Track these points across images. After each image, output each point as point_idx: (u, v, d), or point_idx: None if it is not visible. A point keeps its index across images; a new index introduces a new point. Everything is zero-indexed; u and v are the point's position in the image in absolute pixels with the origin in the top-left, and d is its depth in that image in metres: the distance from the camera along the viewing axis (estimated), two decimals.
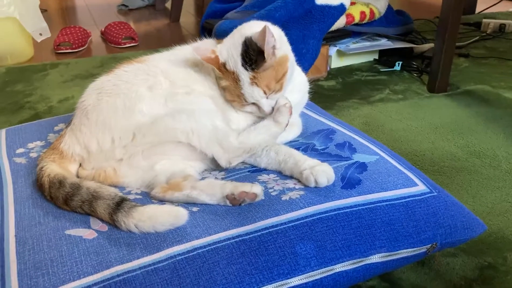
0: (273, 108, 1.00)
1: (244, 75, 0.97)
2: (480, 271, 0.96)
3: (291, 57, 1.03)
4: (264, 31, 0.93)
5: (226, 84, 1.00)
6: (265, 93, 0.98)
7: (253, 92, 0.97)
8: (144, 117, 0.95)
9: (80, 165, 0.99)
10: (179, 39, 1.18)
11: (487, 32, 2.56)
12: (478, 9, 3.02)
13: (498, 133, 1.51)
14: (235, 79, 0.98)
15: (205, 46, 1.01)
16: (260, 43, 0.95)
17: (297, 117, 1.13)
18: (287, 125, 1.01)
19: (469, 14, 2.95)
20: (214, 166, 1.01)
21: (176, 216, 0.83)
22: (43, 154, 1.00)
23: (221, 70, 0.98)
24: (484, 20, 2.64)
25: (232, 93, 1.00)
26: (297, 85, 1.08)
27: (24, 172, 1.03)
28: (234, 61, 0.97)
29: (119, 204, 0.84)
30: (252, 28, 1.01)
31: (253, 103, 1.00)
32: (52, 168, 0.94)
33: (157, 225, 0.82)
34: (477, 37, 2.47)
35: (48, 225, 0.85)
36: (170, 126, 0.94)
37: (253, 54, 0.96)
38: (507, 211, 1.14)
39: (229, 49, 0.99)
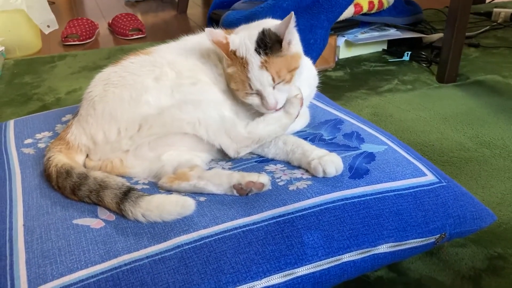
0: (276, 103, 0.96)
1: (255, 59, 0.94)
2: (490, 261, 0.96)
3: (303, 56, 1.02)
4: (289, 18, 0.91)
5: (233, 70, 0.97)
6: (273, 80, 0.94)
7: (261, 76, 0.94)
8: (150, 108, 0.95)
9: (87, 156, 1.00)
10: (187, 30, 1.17)
11: (498, 22, 2.52)
12: None
13: (509, 124, 1.49)
14: (243, 64, 0.95)
15: (219, 31, 0.98)
16: (281, 31, 0.93)
17: (305, 108, 1.12)
18: (297, 116, 1.00)
19: (479, 3, 2.91)
20: (221, 156, 1.01)
21: (183, 205, 0.83)
22: (50, 145, 1.01)
23: (229, 56, 0.96)
24: (494, 9, 2.61)
25: (236, 81, 0.97)
26: (306, 79, 1.07)
27: (32, 162, 1.03)
28: (246, 47, 0.95)
29: (126, 193, 0.84)
30: (271, 22, 1.00)
31: (257, 94, 0.96)
32: (59, 158, 0.94)
33: (164, 214, 0.82)
34: (488, 27, 2.44)
35: (55, 215, 0.85)
36: (177, 117, 0.93)
37: (269, 42, 0.94)
38: None
39: (243, 37, 0.97)
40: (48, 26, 2.33)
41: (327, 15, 1.81)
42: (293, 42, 0.97)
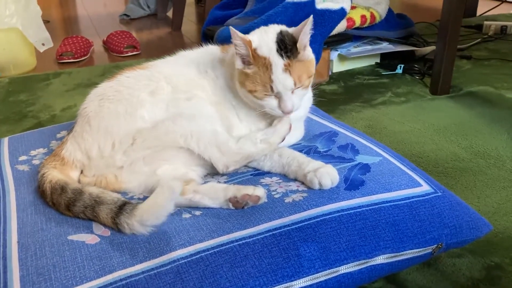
0: (293, 107, 0.96)
1: (279, 61, 0.94)
2: (487, 271, 0.95)
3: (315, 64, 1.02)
4: (306, 22, 0.92)
5: (253, 70, 0.95)
6: (295, 84, 0.94)
7: (285, 79, 0.93)
8: (145, 123, 0.95)
9: (82, 172, 0.99)
10: (181, 47, 1.18)
11: (489, 34, 2.56)
12: (479, 12, 3.02)
13: (502, 134, 1.50)
14: (266, 65, 0.94)
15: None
16: (297, 34, 0.94)
17: (300, 122, 1.12)
18: (284, 138, 1.00)
19: (470, 16, 2.95)
20: (216, 170, 1.01)
21: (169, 188, 0.81)
22: (45, 161, 1.00)
23: (253, 54, 0.95)
24: (485, 22, 2.64)
25: (255, 82, 0.95)
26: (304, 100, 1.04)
27: (26, 179, 1.03)
28: (268, 47, 0.95)
29: (121, 207, 0.83)
30: (282, 26, 1.01)
31: (276, 96, 0.95)
32: (53, 174, 0.94)
33: (158, 210, 0.81)
34: (479, 39, 2.47)
35: (50, 231, 0.85)
36: (170, 129, 0.93)
37: (289, 44, 0.94)
38: None
39: (260, 37, 0.97)
40: (43, 44, 2.33)
41: (320, 29, 1.83)
42: (308, 48, 0.97)
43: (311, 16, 0.93)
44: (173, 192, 0.81)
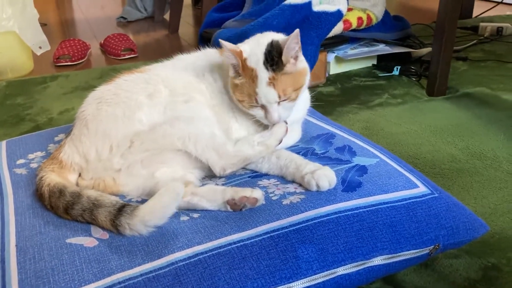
0: (279, 118, 0.97)
1: (264, 74, 0.94)
2: (484, 272, 0.96)
3: (309, 73, 1.02)
4: (292, 35, 0.92)
5: (241, 81, 0.97)
6: (279, 97, 0.95)
7: (268, 93, 0.95)
8: (143, 126, 0.95)
9: (80, 175, 0.99)
10: (178, 49, 1.19)
11: (485, 36, 2.57)
12: (475, 13, 3.03)
13: (498, 135, 1.50)
14: (253, 77, 0.95)
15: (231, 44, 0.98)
16: (283, 46, 0.94)
17: (297, 125, 1.12)
18: (281, 140, 1.01)
19: (466, 18, 2.96)
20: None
21: (174, 189, 0.83)
22: (43, 164, 1.01)
23: (242, 65, 0.96)
24: (481, 23, 2.65)
25: (243, 92, 0.97)
26: (301, 101, 1.05)
27: (24, 182, 1.03)
28: (256, 58, 0.95)
29: (121, 209, 0.84)
30: (277, 36, 1.01)
31: (262, 107, 0.97)
32: (51, 177, 0.94)
33: (162, 209, 0.82)
34: (475, 41, 2.48)
35: (49, 234, 0.85)
36: (168, 132, 0.94)
37: (276, 56, 0.95)
38: (510, 211, 1.13)
39: (252, 47, 0.98)
40: (40, 47, 2.33)
41: (317, 32, 1.84)
42: (300, 58, 0.98)
43: (297, 30, 0.93)
44: (177, 193, 0.82)
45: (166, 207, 0.82)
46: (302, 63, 0.99)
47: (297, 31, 0.93)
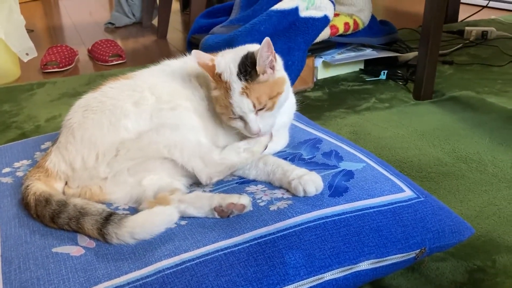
0: (259, 129, 0.96)
1: (236, 84, 0.94)
2: (470, 274, 0.97)
3: (288, 81, 1.02)
4: (263, 44, 0.91)
5: (217, 94, 0.97)
6: (254, 106, 0.94)
7: (241, 102, 0.94)
8: (129, 134, 0.95)
9: (66, 183, 0.99)
10: (167, 55, 1.18)
11: (470, 40, 2.60)
12: (460, 17, 3.07)
13: (484, 138, 1.52)
14: (227, 89, 0.95)
15: (205, 54, 0.99)
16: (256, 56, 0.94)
17: (285, 130, 1.13)
18: (266, 146, 1.01)
19: (452, 22, 3.00)
20: None
21: (169, 214, 0.85)
22: (29, 173, 1.00)
23: (214, 79, 0.96)
24: (466, 27, 2.69)
25: (221, 105, 0.97)
26: (286, 107, 1.04)
27: (10, 191, 1.02)
28: (230, 71, 0.95)
29: (108, 218, 0.83)
30: (257, 47, 1.00)
31: (241, 118, 0.96)
32: (37, 186, 0.93)
33: (152, 227, 0.83)
34: (461, 45, 2.51)
35: (34, 244, 0.84)
36: (154, 140, 0.94)
37: (249, 66, 0.95)
38: (494, 214, 1.15)
39: (228, 60, 0.97)
40: (27, 54, 2.32)
41: (304, 37, 1.85)
42: (277, 67, 0.97)
43: (267, 38, 0.91)
44: (171, 220, 0.85)
45: (157, 227, 0.84)
46: (280, 72, 0.99)
47: (267, 39, 0.91)
